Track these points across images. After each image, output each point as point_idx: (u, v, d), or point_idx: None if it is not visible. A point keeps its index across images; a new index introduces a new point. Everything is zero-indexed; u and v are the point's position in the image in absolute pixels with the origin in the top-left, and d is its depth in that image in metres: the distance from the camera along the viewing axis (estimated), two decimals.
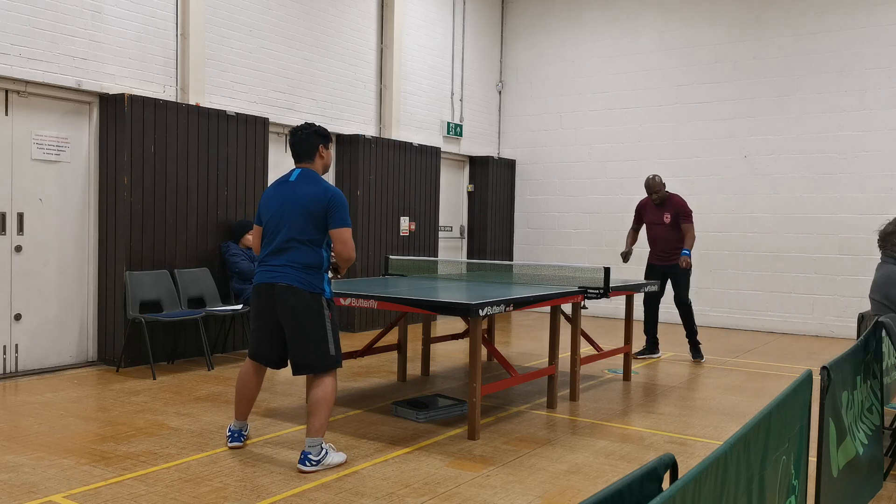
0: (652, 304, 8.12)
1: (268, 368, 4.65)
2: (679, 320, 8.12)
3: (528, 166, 12.57)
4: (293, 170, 4.52)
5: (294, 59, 9.05)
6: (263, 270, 4.42)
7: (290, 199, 4.36)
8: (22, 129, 6.67)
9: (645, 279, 7.98)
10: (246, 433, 4.75)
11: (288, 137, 4.63)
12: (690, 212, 8.06)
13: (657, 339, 8.26)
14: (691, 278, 8.13)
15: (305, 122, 4.64)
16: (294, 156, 4.53)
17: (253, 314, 4.56)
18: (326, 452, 4.32)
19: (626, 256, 8.07)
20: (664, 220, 8.01)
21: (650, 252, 8.21)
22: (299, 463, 4.28)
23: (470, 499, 3.92)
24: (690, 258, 7.89)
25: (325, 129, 4.58)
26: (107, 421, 5.24)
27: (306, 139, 4.49)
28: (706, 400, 6.30)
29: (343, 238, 4.33)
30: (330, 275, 4.58)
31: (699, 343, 8.09)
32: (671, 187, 11.20)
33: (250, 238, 7.84)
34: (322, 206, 4.30)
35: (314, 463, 4.25)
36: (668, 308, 11.18)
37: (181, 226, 7.49)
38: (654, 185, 8.05)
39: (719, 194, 10.89)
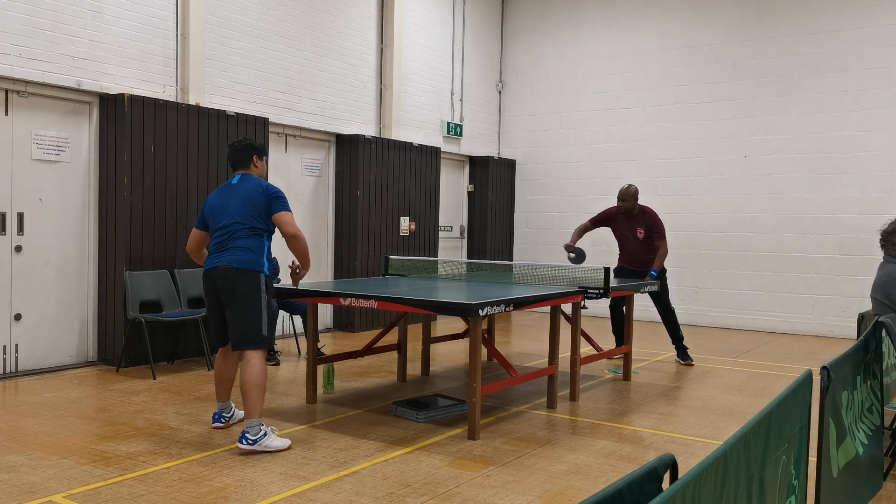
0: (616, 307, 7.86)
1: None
2: (657, 320, 7.95)
3: (528, 166, 12.58)
4: (235, 175, 4.95)
5: (294, 59, 9.05)
6: (208, 259, 4.84)
7: (233, 195, 4.81)
8: (22, 129, 6.67)
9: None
10: (228, 415, 5.10)
11: (227, 150, 5.09)
12: (664, 229, 7.77)
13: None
14: (669, 283, 7.95)
15: (242, 137, 5.22)
16: (231, 165, 4.99)
17: (205, 301, 5.03)
18: (265, 434, 4.56)
19: (570, 252, 7.54)
20: (637, 235, 7.73)
21: (620, 256, 7.98)
22: (238, 442, 4.55)
23: (470, 499, 3.92)
24: (656, 278, 7.53)
25: (261, 144, 5.13)
26: (107, 421, 5.24)
27: (241, 150, 4.95)
28: (706, 400, 6.30)
29: (285, 220, 4.72)
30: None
31: (686, 347, 7.97)
32: (671, 187, 11.23)
33: None
34: (263, 196, 4.74)
35: (251, 442, 4.51)
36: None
37: (181, 226, 7.48)
38: (623, 193, 7.68)
39: (719, 194, 10.89)
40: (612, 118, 11.73)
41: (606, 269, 6.12)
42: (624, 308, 7.55)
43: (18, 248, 6.68)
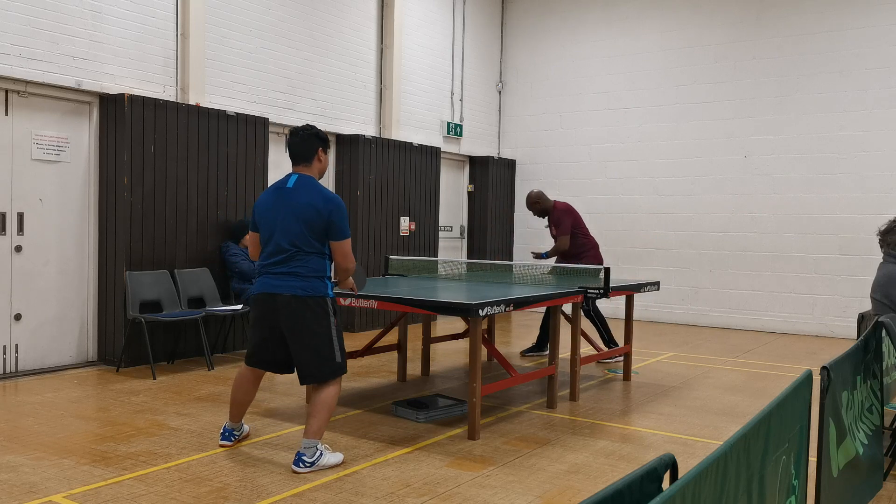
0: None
1: (266, 373, 4.65)
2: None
3: (528, 166, 12.57)
4: (289, 175, 4.42)
5: (294, 59, 9.05)
6: (263, 280, 4.37)
7: (288, 208, 4.28)
8: (22, 129, 6.67)
9: None
10: (239, 433, 4.75)
11: (286, 138, 4.57)
12: (565, 222, 7.79)
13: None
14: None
15: (306, 124, 4.55)
16: (292, 157, 4.44)
17: (253, 321, 4.50)
18: (321, 454, 4.29)
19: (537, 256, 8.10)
20: (552, 232, 7.99)
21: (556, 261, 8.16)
22: (293, 464, 4.27)
23: (470, 499, 3.92)
24: (543, 259, 7.92)
25: (325, 133, 4.52)
26: (107, 421, 5.24)
27: (307, 140, 4.40)
28: (706, 400, 6.30)
29: (343, 251, 4.32)
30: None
31: (614, 342, 8.01)
32: (671, 187, 11.22)
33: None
34: (323, 218, 4.23)
35: (308, 465, 4.24)
36: (661, 307, 11.18)
37: (181, 226, 7.49)
38: (528, 201, 8.04)
39: (719, 194, 10.89)
40: (613, 118, 11.73)
41: (606, 269, 6.12)
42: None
43: (18, 248, 6.68)
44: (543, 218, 8.16)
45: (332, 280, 4.49)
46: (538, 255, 8.11)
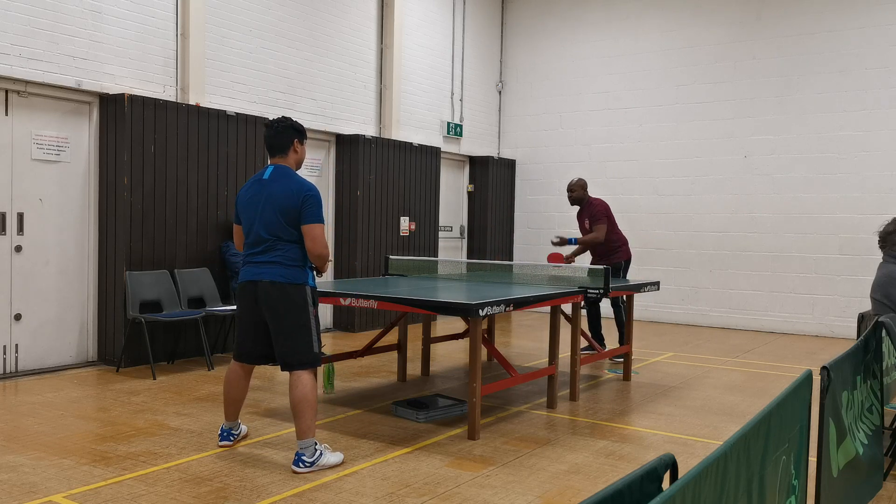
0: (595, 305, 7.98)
1: (254, 369, 4.67)
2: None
3: (528, 166, 12.57)
4: (267, 167, 4.50)
5: (294, 59, 9.05)
6: (246, 269, 4.45)
7: (266, 198, 4.36)
8: (22, 129, 6.67)
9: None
10: (237, 433, 4.76)
11: (263, 131, 4.63)
12: (602, 215, 7.82)
13: (602, 336, 8.15)
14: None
15: (281, 116, 4.56)
16: (268, 149, 4.51)
17: (238, 312, 4.59)
18: (321, 453, 4.30)
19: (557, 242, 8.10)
20: (585, 225, 8.01)
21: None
22: (293, 464, 4.27)
23: (470, 499, 3.92)
24: (572, 257, 7.92)
25: (301, 125, 4.56)
26: (107, 421, 5.24)
27: (282, 132, 4.46)
28: (706, 400, 6.30)
29: (313, 234, 4.31)
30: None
31: (602, 338, 8.06)
32: (671, 187, 11.22)
33: None
34: (297, 205, 4.29)
35: (308, 464, 4.25)
36: (661, 307, 11.18)
37: (181, 226, 7.49)
38: (569, 185, 8.04)
39: (719, 194, 10.89)
40: (613, 118, 11.72)
41: (606, 269, 6.11)
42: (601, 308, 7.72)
43: (18, 248, 6.68)
44: (574, 206, 8.16)
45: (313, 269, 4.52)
46: (563, 241, 8.06)
